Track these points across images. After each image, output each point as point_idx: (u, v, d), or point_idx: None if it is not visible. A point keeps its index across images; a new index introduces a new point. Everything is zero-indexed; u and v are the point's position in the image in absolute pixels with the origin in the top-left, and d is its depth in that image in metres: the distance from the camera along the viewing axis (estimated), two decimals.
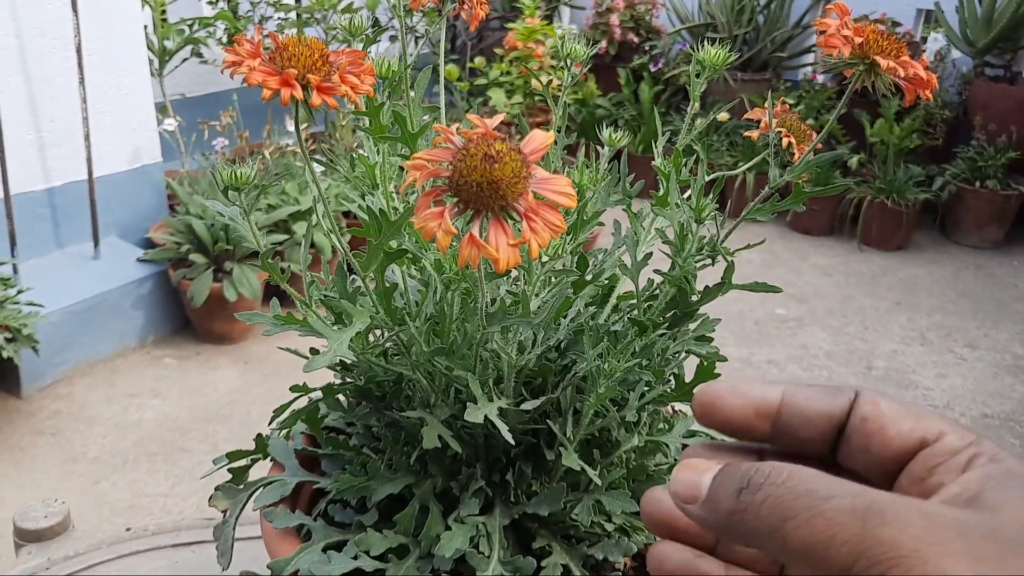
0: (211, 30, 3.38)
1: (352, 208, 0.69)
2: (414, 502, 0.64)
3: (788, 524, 0.26)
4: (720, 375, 0.70)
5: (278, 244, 2.87)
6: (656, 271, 0.68)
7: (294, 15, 3.56)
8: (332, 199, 2.88)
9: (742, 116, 4.13)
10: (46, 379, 2.61)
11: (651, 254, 0.67)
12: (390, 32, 3.39)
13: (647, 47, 4.56)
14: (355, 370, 0.68)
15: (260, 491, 0.70)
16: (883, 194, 3.83)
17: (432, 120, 0.61)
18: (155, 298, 2.89)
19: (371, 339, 0.67)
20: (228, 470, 0.74)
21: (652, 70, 4.48)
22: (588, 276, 0.69)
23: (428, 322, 0.62)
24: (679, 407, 0.76)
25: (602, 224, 0.70)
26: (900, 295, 3.48)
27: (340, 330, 0.58)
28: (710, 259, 0.63)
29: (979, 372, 2.92)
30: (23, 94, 2.59)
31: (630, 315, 0.65)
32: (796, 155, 0.70)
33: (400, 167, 0.68)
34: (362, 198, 0.68)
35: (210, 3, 3.45)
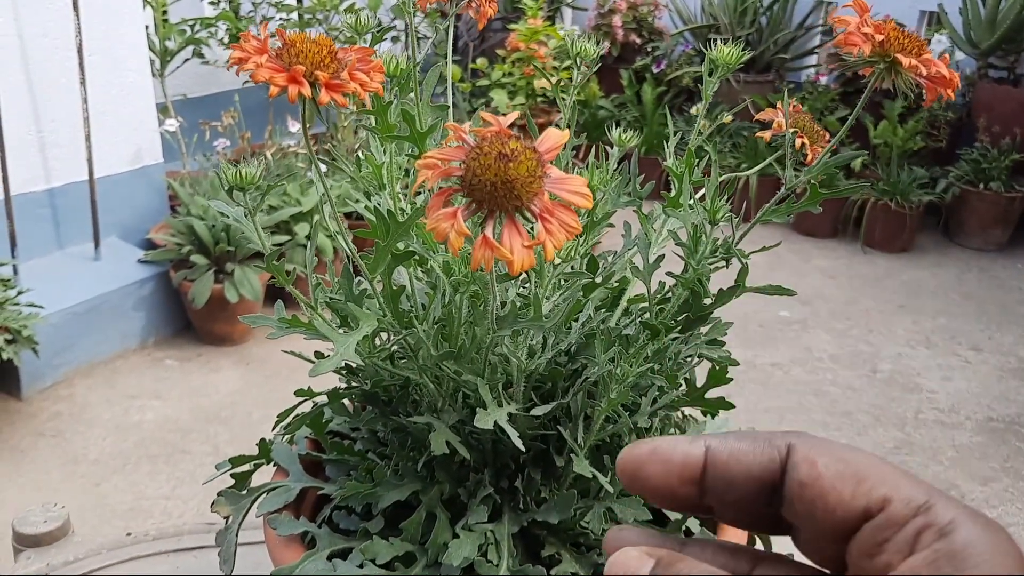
0: (213, 31, 3.37)
1: (357, 208, 0.68)
2: (421, 509, 0.63)
3: None
4: (732, 379, 0.69)
5: (280, 245, 2.86)
6: (668, 273, 0.66)
7: (296, 16, 3.55)
8: (336, 199, 2.87)
9: (744, 118, 4.12)
10: (46, 380, 2.59)
11: (663, 256, 0.65)
12: (392, 33, 3.38)
13: (650, 48, 4.54)
14: (361, 374, 0.67)
15: (263, 497, 0.69)
16: (887, 196, 3.81)
17: (442, 119, 0.60)
18: (156, 299, 2.88)
19: (377, 342, 0.66)
20: (231, 475, 0.72)
21: (655, 71, 4.47)
22: (599, 278, 0.67)
23: (436, 325, 0.61)
24: (690, 412, 0.75)
25: (612, 225, 0.69)
26: (904, 298, 3.47)
27: (346, 333, 0.57)
28: (724, 261, 0.61)
29: (984, 375, 2.91)
30: (24, 94, 2.58)
31: (642, 319, 0.64)
32: (810, 156, 0.68)
33: (406, 169, 0.66)
34: (367, 198, 0.67)
35: (212, 3, 3.44)
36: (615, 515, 0.62)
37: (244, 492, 0.71)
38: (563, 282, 0.59)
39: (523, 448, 0.56)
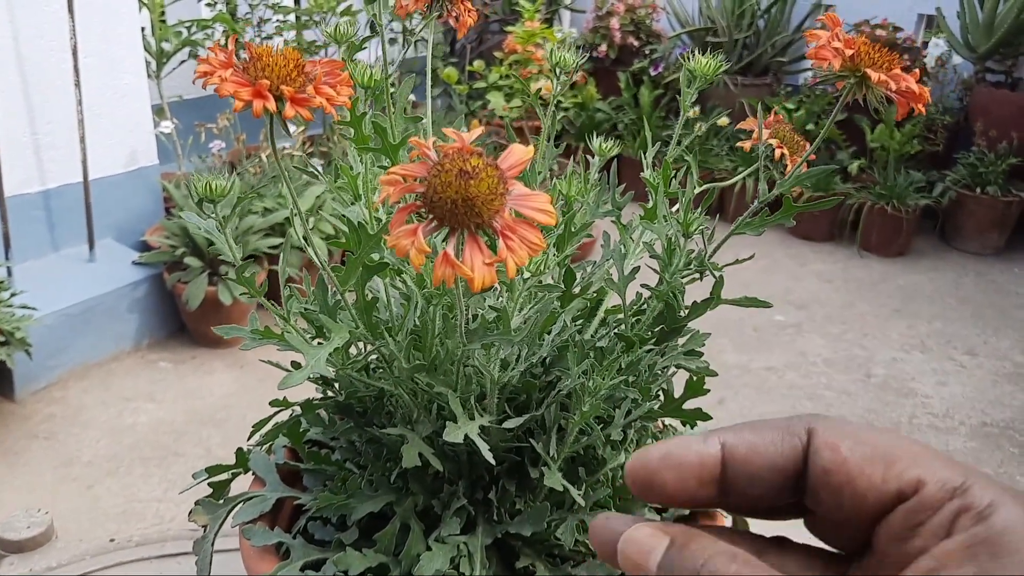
0: (209, 32, 3.36)
1: (345, 212, 0.68)
2: (395, 520, 0.63)
3: None
4: (709, 391, 0.69)
5: (275, 248, 2.86)
6: (643, 285, 0.66)
7: (293, 17, 3.55)
8: (330, 201, 2.87)
9: (742, 120, 4.12)
10: (40, 382, 2.59)
11: (639, 268, 0.65)
12: (389, 35, 3.37)
13: (647, 51, 4.54)
14: (336, 385, 0.66)
15: (240, 507, 0.69)
16: (883, 200, 3.81)
17: (412, 131, 0.60)
18: (150, 301, 2.87)
19: (353, 351, 0.66)
20: (208, 484, 0.72)
21: (652, 74, 4.47)
22: (576, 289, 0.67)
23: (409, 337, 0.61)
24: (669, 422, 0.75)
25: (590, 236, 0.68)
26: (900, 302, 3.47)
27: (319, 345, 0.57)
28: (699, 274, 0.61)
29: (979, 380, 2.90)
30: (19, 96, 2.58)
31: (617, 330, 0.64)
32: (789, 166, 0.68)
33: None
34: (344, 208, 0.67)
35: (208, 5, 3.44)
36: (588, 527, 0.62)
37: (221, 501, 0.71)
38: (536, 294, 0.59)
39: (493, 461, 0.56)
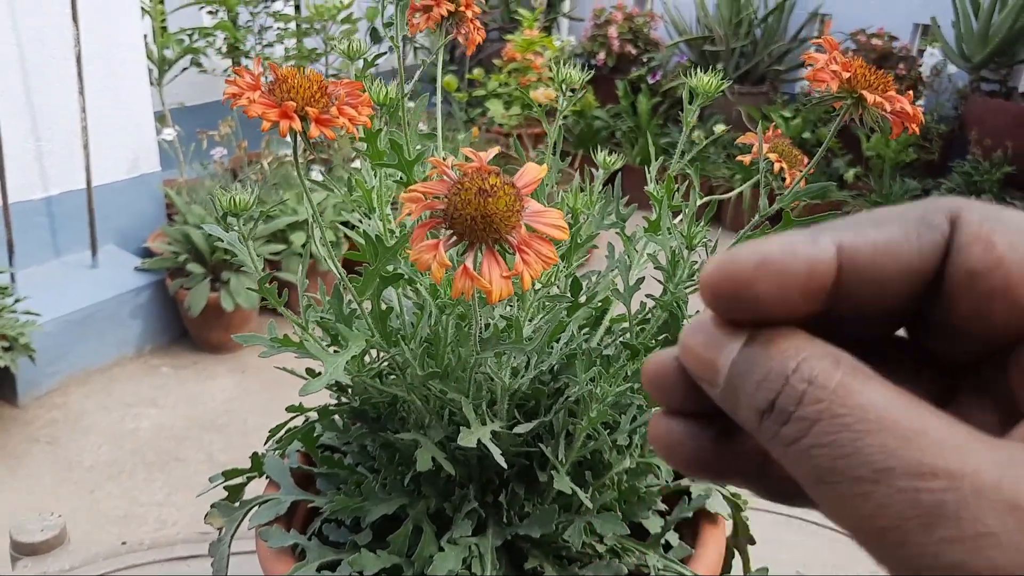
0: (211, 40, 3.39)
1: (351, 219, 0.70)
2: (408, 522, 0.65)
3: (825, 490, 0.18)
4: None
5: (275, 254, 2.88)
6: (648, 295, 0.68)
7: (293, 25, 3.57)
8: (330, 208, 2.89)
9: (739, 128, 4.15)
10: (42, 388, 2.61)
11: (643, 278, 0.67)
12: (388, 43, 3.40)
13: (645, 59, 4.58)
14: (350, 391, 0.69)
15: (255, 509, 0.71)
16: (879, 207, 3.84)
17: (429, 149, 0.62)
18: (152, 307, 2.89)
19: (367, 360, 0.68)
20: (224, 487, 0.74)
21: (650, 82, 4.50)
22: (582, 299, 0.70)
23: (423, 345, 0.63)
24: None
25: (595, 247, 0.71)
26: None
27: (336, 353, 0.59)
28: None
29: None
30: (22, 103, 2.60)
31: (622, 339, 0.66)
32: (788, 180, 0.71)
33: (396, 193, 0.68)
34: (359, 220, 0.69)
35: (210, 13, 3.47)
36: (595, 529, 0.64)
37: (237, 504, 0.73)
38: (545, 304, 0.62)
39: (505, 465, 0.58)
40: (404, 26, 0.65)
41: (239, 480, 0.74)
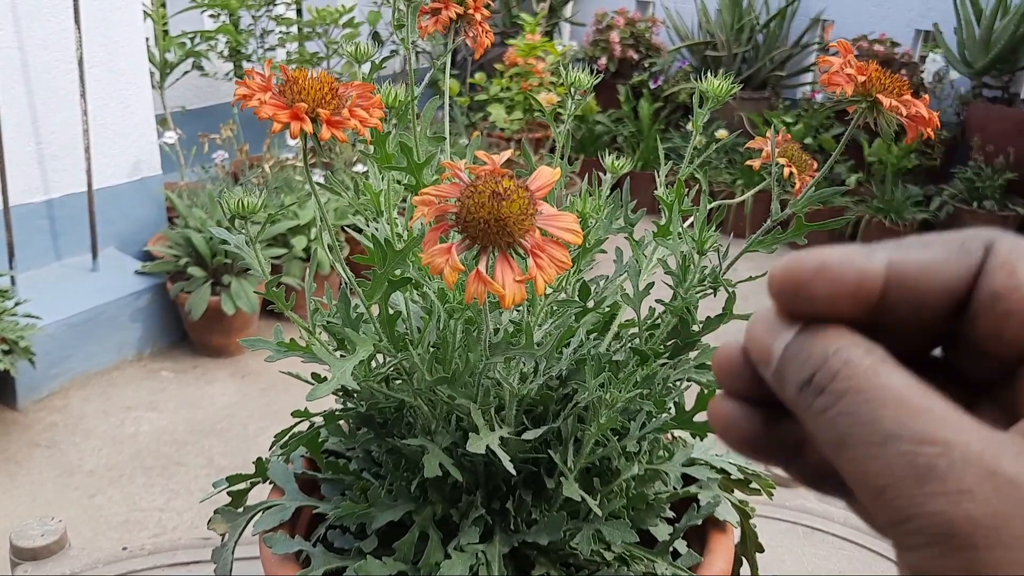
0: (212, 43, 3.39)
1: (356, 222, 0.70)
2: (414, 529, 0.64)
3: (844, 452, 0.22)
4: None
5: (276, 258, 2.87)
6: (658, 300, 0.68)
7: (295, 29, 3.57)
8: (332, 212, 2.88)
9: (741, 133, 4.15)
10: (42, 391, 2.60)
11: (653, 284, 0.67)
12: (390, 47, 3.40)
13: (647, 64, 4.58)
14: (357, 396, 0.68)
15: (259, 515, 0.70)
16: (881, 213, 3.84)
17: (439, 152, 0.62)
18: (153, 311, 2.89)
19: (373, 365, 0.67)
20: (228, 493, 0.74)
21: (652, 87, 4.50)
22: (590, 303, 0.69)
23: (431, 350, 0.62)
24: (679, 434, 0.77)
25: (604, 251, 0.70)
26: None
27: (344, 358, 0.58)
28: (712, 290, 0.63)
29: None
30: (24, 106, 2.60)
31: (632, 344, 0.65)
32: (798, 185, 0.70)
33: (406, 186, 0.68)
34: (365, 223, 0.69)
35: (212, 16, 3.47)
36: (603, 536, 0.63)
37: (240, 510, 0.72)
38: (555, 309, 0.61)
39: (514, 471, 0.57)
40: (415, 29, 0.64)
41: (242, 486, 0.74)
